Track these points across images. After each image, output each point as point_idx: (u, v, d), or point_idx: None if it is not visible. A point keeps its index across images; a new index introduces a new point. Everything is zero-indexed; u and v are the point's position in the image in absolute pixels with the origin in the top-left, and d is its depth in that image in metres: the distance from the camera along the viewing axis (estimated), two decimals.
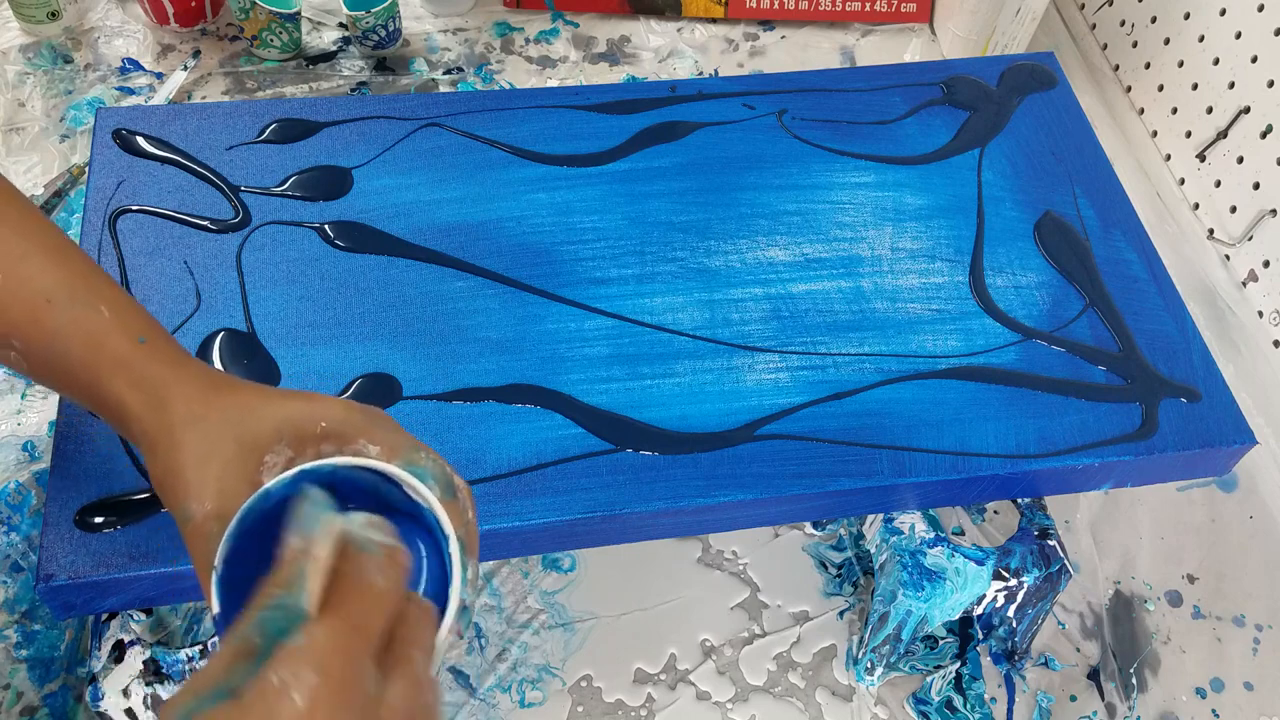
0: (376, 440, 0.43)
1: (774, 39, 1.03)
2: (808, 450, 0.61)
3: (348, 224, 0.68)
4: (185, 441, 0.43)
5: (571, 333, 0.65)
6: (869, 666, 0.67)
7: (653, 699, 0.66)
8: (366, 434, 0.43)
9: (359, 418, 0.44)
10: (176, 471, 0.42)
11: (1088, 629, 0.71)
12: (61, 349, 0.46)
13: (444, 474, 0.43)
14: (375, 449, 0.43)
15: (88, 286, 0.47)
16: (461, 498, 0.44)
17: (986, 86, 0.80)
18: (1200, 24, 0.88)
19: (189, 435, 0.43)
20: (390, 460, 0.42)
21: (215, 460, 0.42)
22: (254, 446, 0.42)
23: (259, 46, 0.94)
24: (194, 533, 0.41)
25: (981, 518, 0.73)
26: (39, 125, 0.89)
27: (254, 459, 0.42)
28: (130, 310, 0.47)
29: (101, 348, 0.45)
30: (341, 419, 0.43)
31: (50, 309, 0.46)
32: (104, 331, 0.46)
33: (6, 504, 0.67)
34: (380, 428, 0.44)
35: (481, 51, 0.99)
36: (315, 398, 0.45)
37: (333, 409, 0.44)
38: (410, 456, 0.43)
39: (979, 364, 0.65)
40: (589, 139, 0.74)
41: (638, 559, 0.70)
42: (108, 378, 0.45)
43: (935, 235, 0.71)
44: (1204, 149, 0.88)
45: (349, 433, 0.43)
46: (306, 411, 0.43)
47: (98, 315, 0.46)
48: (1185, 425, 0.64)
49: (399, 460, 0.43)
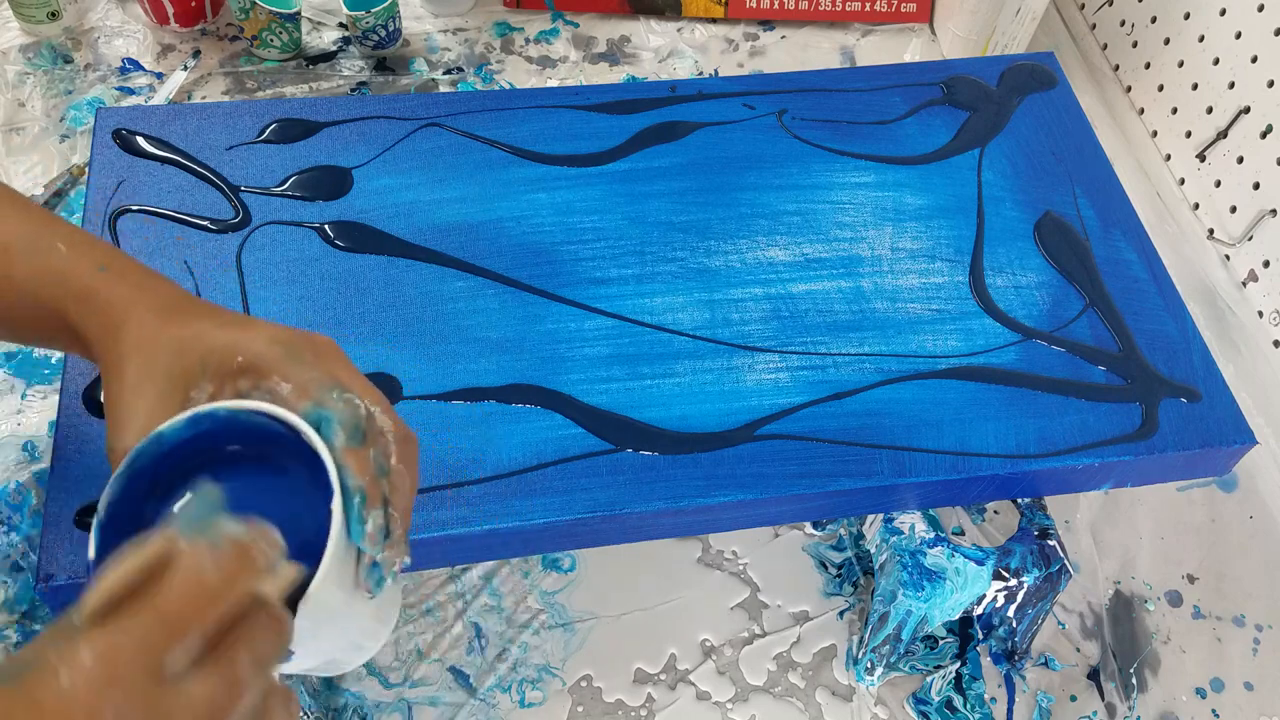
0: (289, 378, 0.41)
1: (774, 39, 1.03)
2: (808, 450, 0.61)
3: (348, 224, 0.68)
4: (125, 371, 0.41)
5: (571, 333, 0.65)
6: (869, 666, 0.67)
7: (653, 699, 0.66)
8: (281, 371, 0.41)
9: (279, 351, 0.41)
10: (115, 401, 0.41)
11: (1088, 629, 0.71)
12: (30, 293, 0.45)
13: (354, 418, 0.40)
14: (287, 387, 0.41)
15: (44, 230, 0.46)
16: (381, 443, 0.41)
17: (986, 86, 0.80)
18: (1200, 24, 0.88)
19: (129, 365, 0.42)
20: (299, 401, 0.40)
21: (147, 393, 0.41)
22: (182, 380, 0.41)
23: (259, 46, 0.94)
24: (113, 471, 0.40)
25: (981, 518, 0.73)
26: (39, 125, 0.88)
27: (180, 394, 0.41)
28: (88, 243, 0.46)
29: (65, 283, 0.45)
30: (259, 353, 0.41)
31: (9, 257, 0.45)
32: (65, 267, 0.45)
33: (6, 504, 0.67)
34: (298, 363, 0.41)
35: (481, 51, 0.99)
36: (246, 326, 0.42)
37: (254, 340, 0.41)
38: (320, 397, 0.40)
39: (979, 364, 0.65)
40: (589, 139, 0.74)
41: (638, 559, 0.70)
42: (74, 311, 0.44)
43: (935, 235, 0.71)
44: (1204, 149, 0.88)
45: (264, 368, 0.41)
46: (229, 343, 0.41)
47: (57, 254, 0.45)
48: (1185, 425, 0.64)
49: (308, 401, 0.40)
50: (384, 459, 0.41)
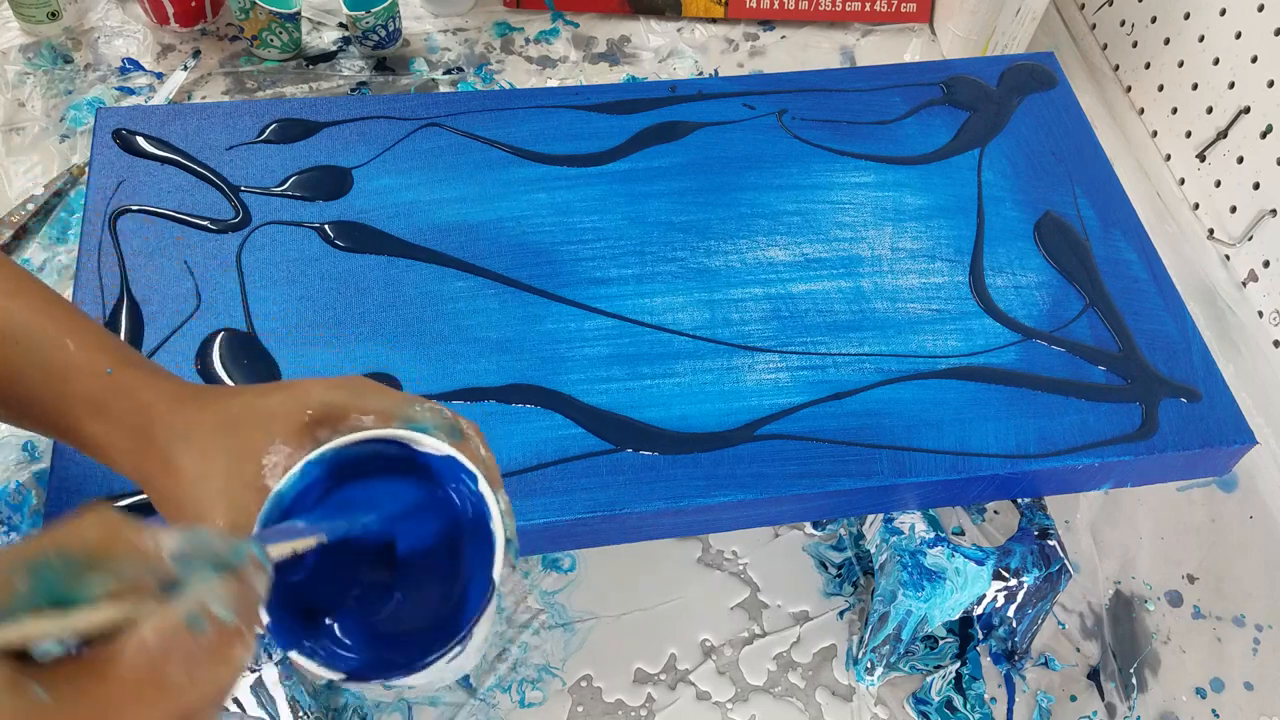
0: (369, 409, 0.42)
1: (774, 39, 1.03)
2: (808, 450, 0.61)
3: (348, 224, 0.68)
4: (179, 465, 0.41)
5: (571, 333, 0.65)
6: (869, 666, 0.67)
7: (653, 699, 0.66)
8: (357, 407, 0.42)
9: (343, 394, 0.43)
10: (178, 496, 0.41)
11: (1088, 629, 0.71)
12: (32, 391, 0.44)
13: (445, 420, 0.42)
14: (369, 418, 0.42)
15: (52, 321, 0.45)
16: (472, 436, 0.43)
17: (986, 86, 0.80)
18: (1200, 24, 0.88)
19: (180, 458, 0.41)
20: (388, 424, 0.42)
21: (214, 475, 0.41)
22: (247, 453, 0.41)
23: (259, 46, 0.94)
24: None
25: (981, 518, 0.73)
26: (39, 125, 0.88)
27: (251, 465, 0.41)
28: (95, 339, 0.46)
29: (70, 384, 0.44)
30: (325, 400, 0.42)
31: (15, 350, 0.44)
32: (71, 368, 0.44)
33: (6, 504, 0.67)
34: (367, 395, 0.43)
35: (481, 51, 0.99)
36: (294, 386, 0.43)
37: (314, 393, 0.43)
38: (407, 414, 0.42)
39: (979, 364, 0.65)
40: (589, 139, 0.74)
41: (638, 559, 0.70)
42: (85, 420, 0.43)
43: (935, 235, 0.71)
44: (1204, 149, 0.88)
45: (338, 411, 0.42)
46: (289, 404, 0.42)
47: (64, 351, 0.44)
48: (1185, 425, 0.64)
49: (396, 421, 0.42)
50: (480, 449, 0.43)
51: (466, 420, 0.44)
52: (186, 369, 0.61)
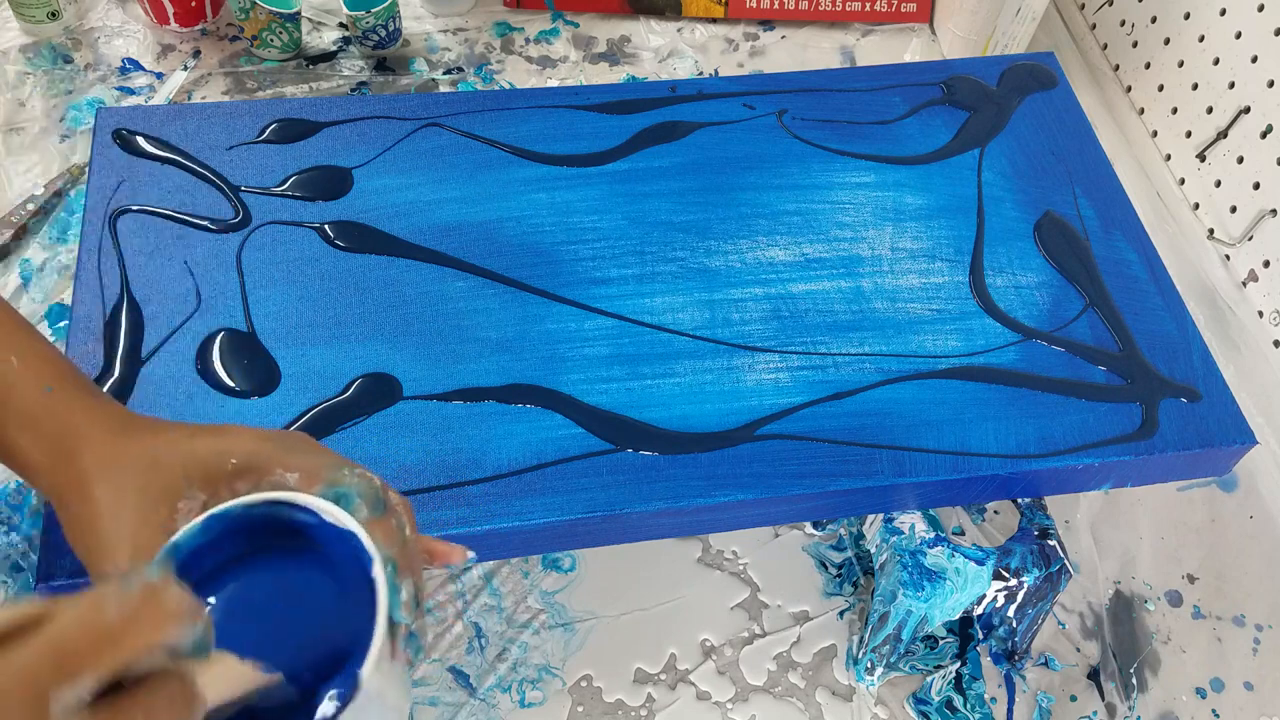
0: (293, 467, 0.41)
1: (774, 39, 1.02)
2: (808, 450, 0.61)
3: (348, 224, 0.68)
4: (95, 495, 0.40)
5: (571, 333, 0.65)
6: (869, 666, 0.67)
7: (653, 699, 0.66)
8: (282, 463, 0.41)
9: (271, 447, 0.41)
10: (88, 527, 0.40)
11: (1088, 629, 0.71)
12: None
13: (372, 490, 0.41)
14: (293, 476, 0.40)
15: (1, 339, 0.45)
16: (399, 513, 0.41)
17: (986, 86, 0.80)
18: (1200, 24, 0.88)
19: (98, 488, 0.40)
20: (311, 485, 0.40)
21: (126, 514, 0.40)
22: (163, 495, 0.40)
23: (259, 46, 0.94)
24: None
25: (981, 518, 0.73)
26: (39, 125, 0.88)
27: (165, 508, 0.40)
28: (40, 358, 0.45)
29: (7, 400, 0.43)
30: (251, 451, 0.41)
31: None
32: (11, 383, 0.43)
33: (6, 504, 0.67)
34: (297, 453, 0.41)
35: (481, 51, 0.99)
36: (224, 431, 0.42)
37: (242, 442, 0.41)
38: (333, 478, 0.40)
39: (979, 364, 0.65)
40: (589, 139, 0.74)
41: (638, 559, 0.70)
42: (14, 431, 0.43)
43: (935, 235, 0.71)
44: (1204, 149, 0.88)
45: (262, 465, 0.41)
46: (213, 449, 0.41)
47: (7, 366, 0.44)
48: (1185, 425, 0.64)
49: (320, 484, 0.40)
50: (404, 528, 0.41)
51: (398, 495, 0.42)
52: (187, 369, 0.61)
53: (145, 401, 0.59)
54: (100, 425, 0.42)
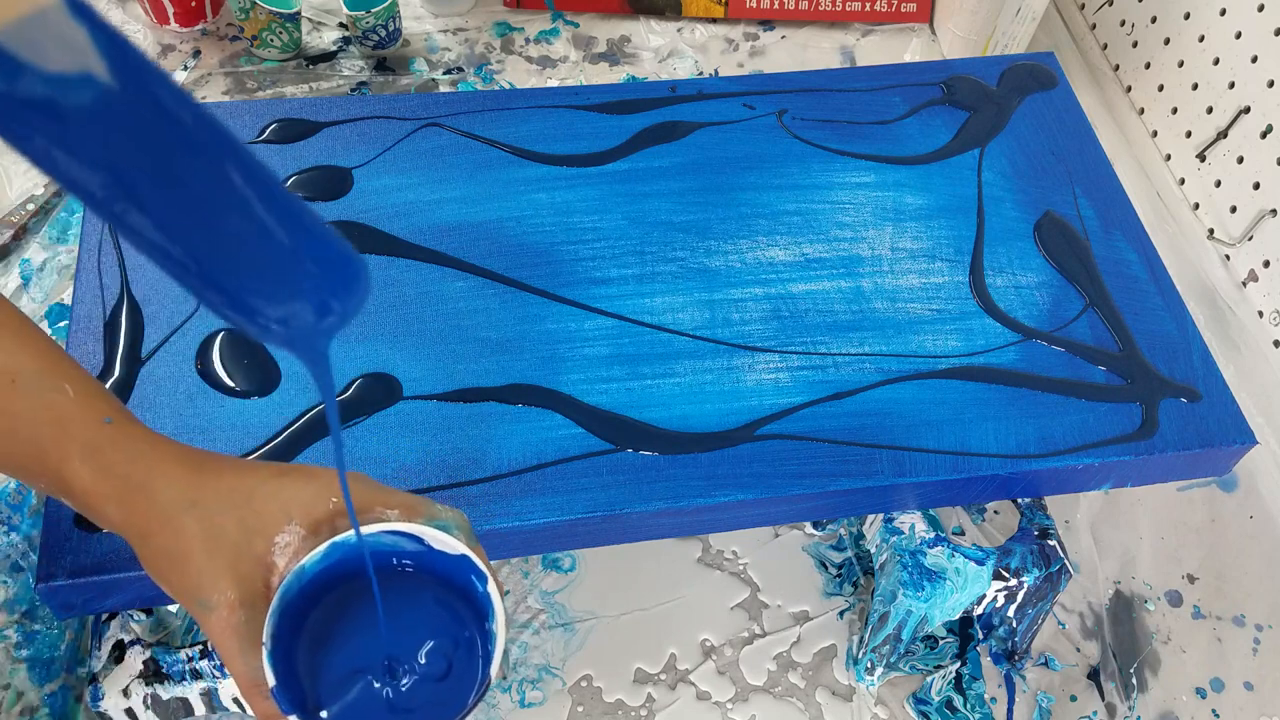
0: (393, 504, 0.44)
1: (774, 39, 1.03)
2: (808, 450, 0.61)
3: (348, 224, 0.68)
4: (186, 528, 0.42)
5: (571, 333, 0.65)
6: (869, 666, 0.67)
7: (653, 699, 0.66)
8: (382, 501, 0.44)
9: (365, 487, 0.45)
10: (182, 559, 0.42)
11: (1088, 629, 0.71)
12: (27, 433, 0.44)
13: (466, 523, 0.45)
14: (394, 512, 0.44)
15: (51, 366, 0.45)
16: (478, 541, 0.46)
17: (986, 86, 0.80)
18: (1200, 24, 0.88)
19: (189, 521, 0.42)
20: (413, 519, 0.44)
21: (224, 546, 0.42)
22: (260, 529, 0.42)
23: (259, 46, 0.94)
24: (220, 623, 0.41)
25: (981, 518, 0.73)
26: None
27: (262, 541, 0.42)
28: (92, 388, 0.46)
29: (67, 428, 0.43)
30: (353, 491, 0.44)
31: (14, 390, 0.44)
32: (70, 414, 0.44)
33: (6, 504, 0.67)
34: (390, 492, 0.45)
35: (481, 51, 0.99)
36: (315, 474, 0.45)
37: (336, 484, 0.44)
38: (432, 512, 0.44)
39: (979, 364, 0.65)
40: (589, 139, 0.74)
41: (638, 559, 0.70)
42: (77, 462, 0.43)
43: (935, 235, 0.71)
44: (1204, 149, 0.88)
45: (363, 504, 0.44)
46: (314, 490, 0.44)
47: (63, 395, 0.44)
48: (1185, 425, 0.64)
49: (422, 518, 0.44)
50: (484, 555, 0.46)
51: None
52: (187, 369, 0.61)
53: (145, 401, 0.59)
54: (170, 460, 0.44)
